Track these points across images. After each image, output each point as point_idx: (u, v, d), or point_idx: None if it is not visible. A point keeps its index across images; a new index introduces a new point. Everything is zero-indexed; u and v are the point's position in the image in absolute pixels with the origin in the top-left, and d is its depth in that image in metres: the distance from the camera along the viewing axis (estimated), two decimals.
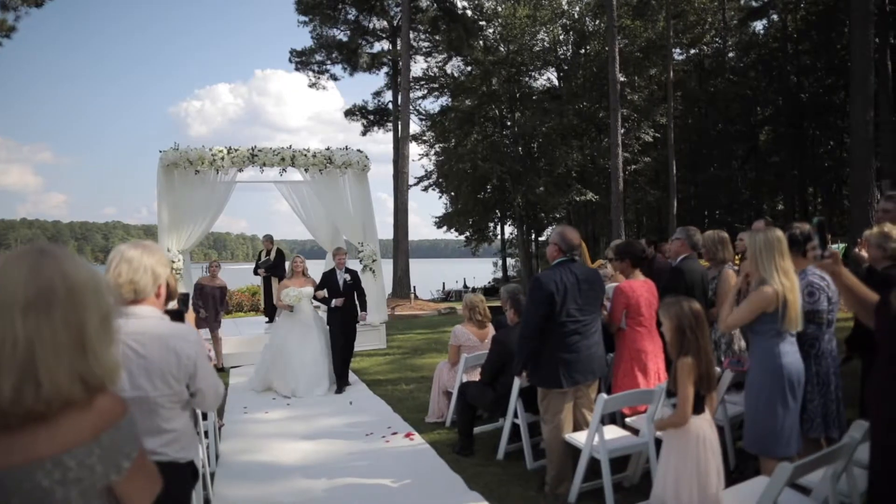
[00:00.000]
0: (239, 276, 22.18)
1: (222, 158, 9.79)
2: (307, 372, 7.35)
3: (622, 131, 23.01)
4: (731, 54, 31.28)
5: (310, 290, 7.59)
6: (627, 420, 4.43)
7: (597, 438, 3.84)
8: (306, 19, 28.32)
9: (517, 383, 4.66)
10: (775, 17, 29.07)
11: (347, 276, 7.75)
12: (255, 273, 11.78)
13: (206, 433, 4.52)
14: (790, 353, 3.24)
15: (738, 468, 4.22)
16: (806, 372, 3.32)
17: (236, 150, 9.94)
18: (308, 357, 7.42)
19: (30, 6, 16.22)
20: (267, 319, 11.60)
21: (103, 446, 1.08)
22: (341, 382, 7.57)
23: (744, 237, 4.30)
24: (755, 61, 29.67)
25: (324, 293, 7.67)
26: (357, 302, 7.89)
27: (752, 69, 29.71)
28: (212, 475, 4.63)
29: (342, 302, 7.59)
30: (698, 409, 2.98)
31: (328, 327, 7.77)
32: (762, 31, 30.73)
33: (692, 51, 31.65)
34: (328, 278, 7.73)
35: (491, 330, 5.96)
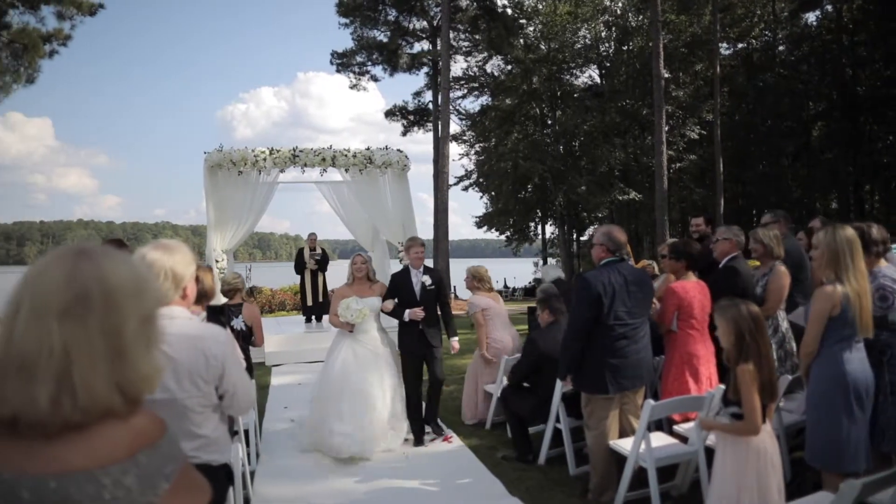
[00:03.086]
0: (282, 275, 22.54)
1: (264, 159, 9.92)
2: (378, 420, 5.14)
3: (666, 128, 22.47)
4: (781, 48, 30.23)
5: (376, 301, 5.41)
6: (675, 427, 4.26)
7: (643, 446, 3.70)
8: (347, 21, 28.62)
9: (559, 387, 4.54)
10: (829, 7, 27.92)
11: (427, 279, 5.49)
12: (300, 270, 11.32)
13: (245, 432, 4.54)
14: (855, 359, 3.03)
15: (795, 481, 4.00)
16: (877, 381, 3.09)
17: (278, 151, 10.07)
18: (378, 399, 5.19)
19: (84, 15, 16.80)
20: (306, 319, 11.67)
21: (140, 465, 1.04)
22: (419, 430, 5.41)
23: (802, 237, 4.08)
24: (807, 54, 28.57)
25: (393, 303, 5.51)
26: (441, 317, 5.65)
27: (803, 63, 28.62)
28: (252, 474, 4.66)
29: (421, 314, 5.36)
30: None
31: (399, 352, 5.59)
32: (815, 23, 29.57)
33: (740, 45, 30.70)
34: (399, 282, 5.55)
35: (500, 298, 6.12)
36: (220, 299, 5.77)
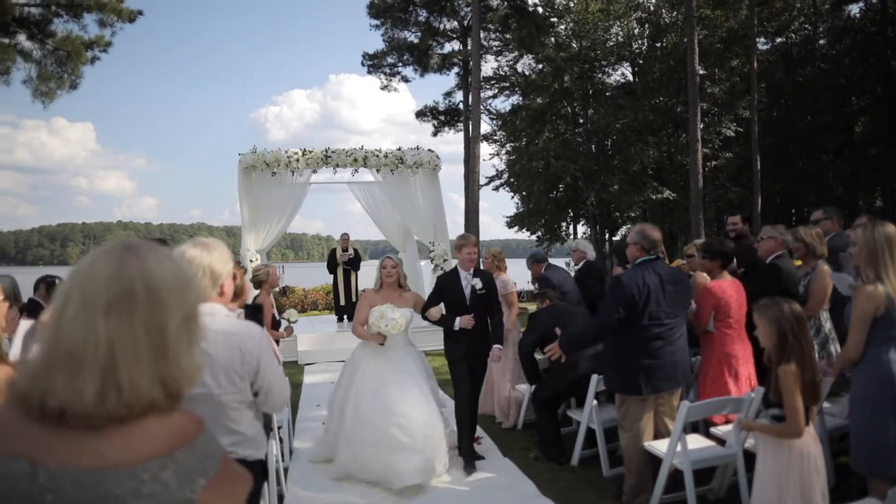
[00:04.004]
0: (314, 275, 22.79)
1: (297, 160, 10.07)
2: (410, 446, 4.38)
3: (701, 126, 22.03)
4: (822, 41, 29.30)
5: (409, 312, 4.74)
6: (713, 430, 4.16)
7: (679, 447, 3.62)
8: (378, 22, 28.82)
9: (594, 384, 4.48)
10: None
11: (478, 283, 4.87)
12: (333, 269, 11.48)
13: (279, 428, 4.59)
14: None
15: (839, 487, 3.88)
16: None
17: (311, 152, 10.21)
18: (405, 419, 4.42)
19: (123, 22, 17.26)
20: (338, 318, 11.77)
21: (178, 462, 1.05)
22: (469, 454, 4.83)
23: (850, 235, 3.95)
24: (850, 48, 27.63)
25: (440, 310, 4.93)
26: (489, 322, 5.01)
27: (846, 56, 27.68)
28: (285, 471, 4.70)
29: (471, 323, 4.77)
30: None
31: (450, 360, 4.98)
32: (858, 15, 28.62)
33: (778, 39, 29.83)
34: (446, 285, 4.96)
35: None
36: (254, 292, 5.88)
